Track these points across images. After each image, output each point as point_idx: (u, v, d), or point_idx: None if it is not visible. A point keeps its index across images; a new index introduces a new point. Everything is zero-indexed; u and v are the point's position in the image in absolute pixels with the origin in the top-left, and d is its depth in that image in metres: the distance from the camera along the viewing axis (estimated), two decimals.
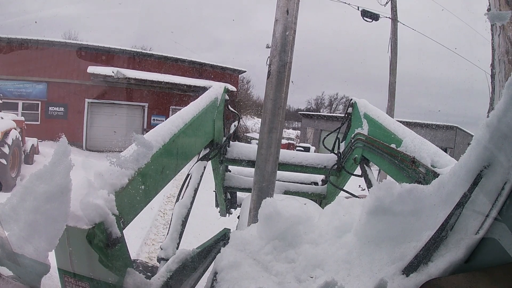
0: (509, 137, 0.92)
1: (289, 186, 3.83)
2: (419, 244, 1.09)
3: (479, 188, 1.00)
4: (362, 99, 3.25)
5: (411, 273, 1.04)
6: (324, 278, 1.19)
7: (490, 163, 0.98)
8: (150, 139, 1.53)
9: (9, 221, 0.99)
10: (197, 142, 2.56)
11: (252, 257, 1.46)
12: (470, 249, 0.97)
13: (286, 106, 2.24)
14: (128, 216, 1.46)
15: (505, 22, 1.02)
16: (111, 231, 1.19)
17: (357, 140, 2.96)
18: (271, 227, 1.50)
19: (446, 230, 1.05)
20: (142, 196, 1.56)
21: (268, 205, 1.52)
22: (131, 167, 1.43)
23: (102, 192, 1.23)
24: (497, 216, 0.94)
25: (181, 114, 2.21)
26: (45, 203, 0.99)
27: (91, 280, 1.16)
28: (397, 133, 2.29)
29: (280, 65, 2.13)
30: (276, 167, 2.26)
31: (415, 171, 1.89)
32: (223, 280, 1.34)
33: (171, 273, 1.46)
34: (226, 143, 3.33)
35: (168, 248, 1.83)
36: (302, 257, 1.40)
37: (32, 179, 1.02)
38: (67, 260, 1.14)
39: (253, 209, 2.25)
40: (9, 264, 1.02)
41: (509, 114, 0.91)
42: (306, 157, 3.63)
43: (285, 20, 2.11)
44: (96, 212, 1.13)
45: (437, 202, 1.14)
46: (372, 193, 1.29)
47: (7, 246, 0.98)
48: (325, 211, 1.67)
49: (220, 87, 3.13)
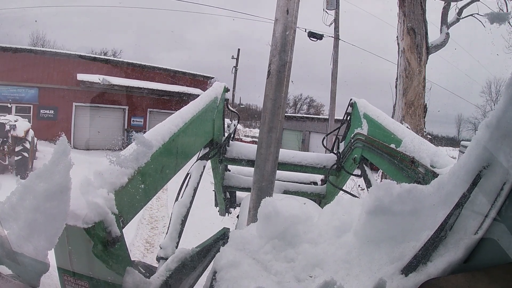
0: (509, 138, 0.92)
1: (289, 186, 3.83)
2: (418, 244, 1.09)
3: (478, 188, 1.00)
4: (361, 99, 3.25)
5: (410, 273, 1.04)
6: (323, 277, 1.19)
7: (489, 164, 0.98)
8: (150, 138, 1.53)
9: (8, 220, 0.99)
10: (197, 141, 2.56)
11: (252, 256, 1.46)
12: (469, 249, 0.97)
13: (286, 106, 2.24)
14: (128, 215, 1.46)
15: (504, 23, 1.02)
16: (110, 230, 1.19)
17: (357, 140, 2.96)
18: (271, 227, 1.50)
19: (445, 230, 1.05)
20: (141, 195, 1.56)
21: (268, 204, 1.52)
22: (131, 166, 1.43)
23: (102, 191, 1.23)
24: (496, 216, 0.94)
25: (181, 113, 2.20)
26: (44, 202, 0.99)
27: (91, 279, 1.16)
28: (396, 133, 2.29)
29: (280, 65, 2.13)
30: (275, 166, 2.26)
31: (415, 171, 1.89)
32: (223, 279, 1.34)
33: (170, 272, 1.46)
34: (225, 143, 3.33)
35: (168, 247, 1.83)
36: (302, 257, 1.40)
37: (32, 177, 1.02)
38: (67, 259, 1.14)
39: (253, 209, 2.25)
40: (8, 263, 1.02)
41: (508, 114, 0.91)
42: (305, 157, 3.63)
43: (285, 20, 2.11)
44: (96, 211, 1.13)
45: (436, 202, 1.14)
46: (372, 193, 1.29)
47: (7, 245, 0.98)
48: (325, 211, 1.68)
49: (219, 87, 3.13)
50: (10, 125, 11.52)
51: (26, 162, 11.44)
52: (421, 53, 8.16)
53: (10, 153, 11.52)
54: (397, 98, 8.37)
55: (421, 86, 8.15)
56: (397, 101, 8.34)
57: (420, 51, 8.17)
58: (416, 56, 8.14)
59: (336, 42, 13.47)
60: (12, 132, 11.45)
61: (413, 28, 8.17)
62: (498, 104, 0.94)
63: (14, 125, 11.63)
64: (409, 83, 8.07)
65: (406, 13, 8.28)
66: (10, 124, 11.53)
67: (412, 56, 8.13)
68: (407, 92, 8.10)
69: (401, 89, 8.28)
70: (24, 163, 11.37)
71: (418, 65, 8.10)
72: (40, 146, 14.11)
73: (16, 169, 11.32)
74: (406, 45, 8.22)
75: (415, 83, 8.04)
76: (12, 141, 11.48)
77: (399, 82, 8.41)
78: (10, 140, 11.47)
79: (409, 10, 8.25)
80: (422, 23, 8.30)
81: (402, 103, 8.07)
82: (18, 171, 11.12)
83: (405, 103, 8.04)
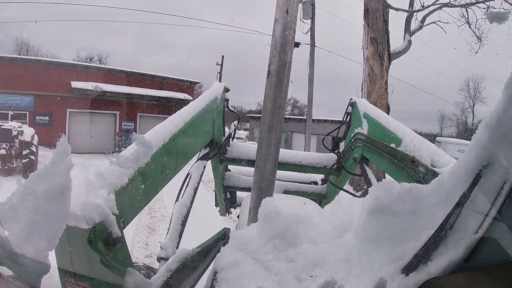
0: (508, 137, 0.92)
1: (289, 186, 3.83)
2: (418, 243, 1.09)
3: (478, 187, 1.00)
4: (361, 99, 3.25)
5: (411, 272, 1.05)
6: (323, 277, 1.19)
7: (489, 163, 0.98)
8: (150, 139, 1.53)
9: (9, 221, 0.99)
10: (197, 141, 2.56)
11: (252, 256, 1.46)
12: (470, 248, 0.97)
13: (286, 106, 2.24)
14: (128, 215, 1.46)
15: (504, 22, 1.02)
16: (111, 231, 1.19)
17: (357, 140, 2.96)
18: (271, 227, 1.50)
19: (446, 230, 1.05)
20: (142, 196, 1.56)
21: (268, 204, 1.52)
22: (131, 167, 1.43)
23: (102, 191, 1.23)
24: (496, 215, 0.94)
25: (181, 113, 2.20)
26: (45, 203, 0.99)
27: (91, 279, 1.16)
28: (396, 132, 2.29)
29: (279, 65, 2.13)
30: (275, 166, 2.26)
31: (415, 170, 1.89)
32: (223, 279, 1.34)
33: (171, 273, 1.46)
34: (226, 143, 3.33)
35: (168, 247, 1.83)
36: (302, 257, 1.40)
37: (32, 178, 1.02)
38: (67, 260, 1.14)
39: (253, 209, 2.25)
40: (9, 264, 1.02)
41: (508, 113, 0.91)
42: (306, 157, 3.63)
43: (285, 20, 2.11)
44: (96, 212, 1.13)
45: (436, 201, 1.14)
46: (372, 192, 1.29)
47: (7, 246, 0.98)
48: (325, 211, 1.68)
49: (220, 87, 3.12)
50: (17, 131, 12.76)
51: (33, 164, 12.57)
52: (383, 60, 9.10)
53: (17, 156, 12.70)
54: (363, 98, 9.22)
55: (383, 89, 9.15)
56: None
57: (382, 58, 9.10)
58: (379, 63, 9.11)
59: (312, 49, 14.57)
60: (20, 137, 12.74)
61: (375, 38, 9.11)
62: (497, 103, 0.94)
63: (22, 130, 12.98)
64: (372, 86, 9.10)
65: (370, 24, 9.17)
66: (17, 130, 12.79)
67: (375, 63, 9.09)
68: (371, 94, 9.14)
69: (366, 92, 9.35)
70: (31, 165, 12.45)
71: (381, 71, 9.05)
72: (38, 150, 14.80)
73: (23, 171, 12.27)
74: (370, 54, 9.16)
75: (378, 87, 9.06)
76: (19, 145, 12.72)
77: (364, 85, 9.45)
78: (17, 145, 12.71)
79: (372, 22, 9.14)
80: (384, 33, 9.19)
81: None
82: (25, 173, 11.97)
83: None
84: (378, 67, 9.12)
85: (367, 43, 9.25)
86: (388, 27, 9.34)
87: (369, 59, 9.20)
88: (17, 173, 12.45)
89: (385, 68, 9.17)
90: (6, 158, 12.52)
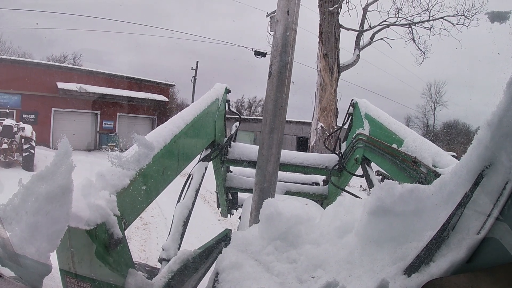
0: (510, 136, 0.91)
1: (291, 187, 3.83)
2: (420, 244, 1.09)
3: (480, 188, 1.00)
4: (363, 99, 3.24)
5: (413, 273, 1.04)
6: (325, 278, 1.19)
7: (491, 163, 0.98)
8: (151, 140, 1.54)
9: (10, 222, 0.99)
10: (198, 142, 2.56)
11: (254, 257, 1.46)
12: (472, 249, 0.97)
13: (287, 107, 2.24)
14: (130, 216, 1.47)
15: (505, 22, 1.02)
16: (112, 232, 1.19)
17: (359, 141, 2.96)
18: (273, 228, 1.50)
19: (448, 230, 1.05)
20: (143, 197, 1.56)
21: (270, 205, 1.52)
22: (133, 168, 1.43)
23: (104, 193, 1.23)
24: (498, 216, 0.93)
25: (182, 114, 2.20)
26: (46, 204, 0.99)
27: (93, 280, 1.16)
28: (398, 133, 2.28)
29: (281, 66, 2.13)
30: (277, 167, 2.25)
31: (417, 171, 1.88)
32: (225, 280, 1.34)
33: (172, 274, 1.46)
34: (227, 144, 3.33)
35: (170, 248, 1.83)
36: (304, 258, 1.40)
37: (34, 179, 1.02)
38: (69, 261, 1.14)
39: (255, 210, 2.25)
40: (10, 265, 1.02)
41: (510, 113, 0.91)
42: (307, 158, 3.63)
43: (286, 21, 2.11)
44: (98, 213, 1.14)
45: (438, 202, 1.14)
46: (374, 193, 1.29)
47: (9, 247, 0.98)
48: (327, 212, 1.67)
49: (221, 88, 3.12)
50: (18, 127, 14.30)
51: (33, 158, 13.88)
52: (333, 72, 10.85)
53: (17, 150, 14.04)
54: (315, 104, 11.30)
55: (332, 96, 10.83)
56: (315, 107, 11.33)
57: (332, 71, 10.83)
58: (329, 75, 10.80)
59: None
60: (21, 133, 14.18)
61: (327, 54, 10.78)
62: (499, 103, 0.93)
63: (23, 127, 14.46)
64: (323, 94, 10.79)
65: (323, 42, 10.83)
66: (18, 127, 14.34)
67: (326, 75, 10.77)
68: (322, 101, 10.79)
69: (317, 98, 11.00)
70: (31, 158, 13.78)
71: (330, 81, 10.79)
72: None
73: (23, 163, 13.52)
74: (322, 67, 10.82)
75: (328, 94, 10.74)
76: (20, 140, 14.09)
77: (316, 93, 11.11)
78: (18, 140, 14.09)
79: (325, 40, 10.80)
80: (335, 50, 10.92)
81: (318, 108, 10.94)
82: (25, 165, 13.38)
83: (320, 108, 10.86)
84: (328, 78, 10.80)
85: (321, 58, 10.94)
86: (339, 45, 11.07)
87: (321, 71, 10.90)
88: (17, 165, 13.69)
89: (334, 79, 10.91)
90: (7, 152, 13.98)
